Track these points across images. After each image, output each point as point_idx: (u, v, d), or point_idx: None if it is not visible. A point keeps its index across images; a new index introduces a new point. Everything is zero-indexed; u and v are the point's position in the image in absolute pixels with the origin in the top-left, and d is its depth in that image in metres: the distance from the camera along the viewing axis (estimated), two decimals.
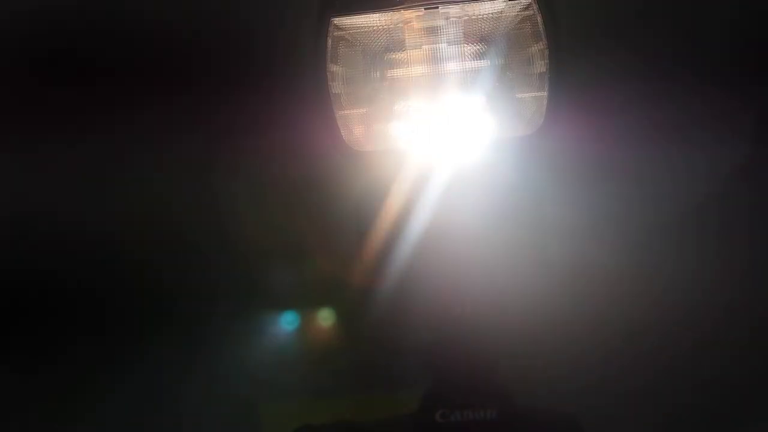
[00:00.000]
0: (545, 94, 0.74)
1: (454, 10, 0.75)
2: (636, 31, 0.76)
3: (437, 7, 0.74)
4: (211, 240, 0.84)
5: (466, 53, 0.76)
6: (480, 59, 0.76)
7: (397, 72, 0.76)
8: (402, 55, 0.76)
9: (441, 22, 0.75)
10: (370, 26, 0.76)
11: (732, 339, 0.83)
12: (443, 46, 0.76)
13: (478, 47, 0.76)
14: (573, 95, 0.74)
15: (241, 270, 0.85)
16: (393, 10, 0.74)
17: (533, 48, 0.75)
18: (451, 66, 0.76)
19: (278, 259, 0.84)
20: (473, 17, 0.75)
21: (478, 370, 0.84)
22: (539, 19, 0.74)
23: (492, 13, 0.75)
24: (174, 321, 0.85)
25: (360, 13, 0.75)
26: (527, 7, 0.74)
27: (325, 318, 0.87)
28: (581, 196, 0.79)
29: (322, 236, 0.81)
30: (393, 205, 0.77)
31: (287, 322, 0.87)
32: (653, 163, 0.79)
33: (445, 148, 0.77)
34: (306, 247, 0.83)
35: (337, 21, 0.75)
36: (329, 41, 0.75)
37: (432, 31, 0.76)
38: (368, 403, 0.88)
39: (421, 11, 0.75)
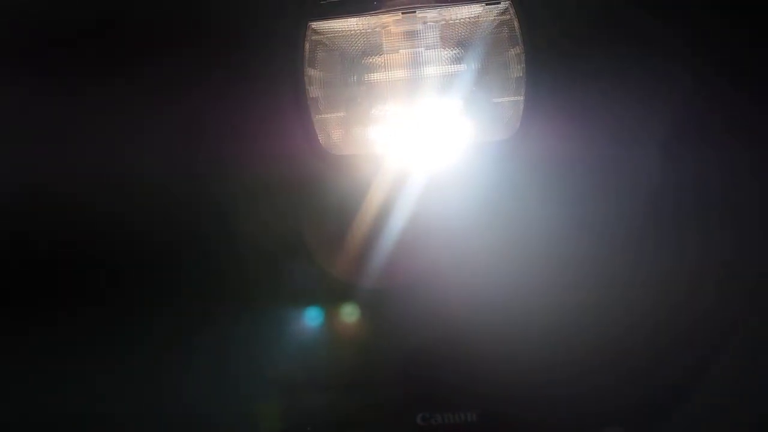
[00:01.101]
0: (522, 98, 0.75)
1: (431, 14, 0.75)
2: (611, 35, 0.77)
3: (415, 12, 0.75)
4: (188, 241, 0.83)
5: (443, 57, 0.76)
6: (457, 63, 0.76)
7: (375, 76, 0.77)
8: (380, 59, 0.77)
9: (419, 27, 0.76)
10: (347, 30, 0.76)
11: (714, 339, 0.83)
12: (421, 50, 0.76)
13: (455, 51, 0.76)
14: (549, 99, 0.75)
15: (217, 271, 0.84)
16: (371, 15, 0.75)
17: (510, 52, 0.76)
18: (429, 70, 0.76)
19: (255, 261, 0.84)
20: (450, 22, 0.76)
21: (459, 373, 0.84)
22: (516, 23, 0.74)
23: (469, 18, 0.76)
24: (141, 321, 0.85)
25: (338, 18, 0.75)
26: (504, 12, 0.75)
27: (303, 322, 0.87)
28: (558, 200, 0.79)
29: (299, 240, 0.81)
30: (370, 209, 0.77)
31: (262, 324, 0.87)
32: (629, 165, 0.79)
33: (423, 152, 0.77)
34: (283, 250, 0.83)
35: (315, 25, 0.76)
36: (307, 45, 0.75)
37: (409, 36, 0.76)
38: (349, 407, 0.88)
39: (399, 15, 0.75)
